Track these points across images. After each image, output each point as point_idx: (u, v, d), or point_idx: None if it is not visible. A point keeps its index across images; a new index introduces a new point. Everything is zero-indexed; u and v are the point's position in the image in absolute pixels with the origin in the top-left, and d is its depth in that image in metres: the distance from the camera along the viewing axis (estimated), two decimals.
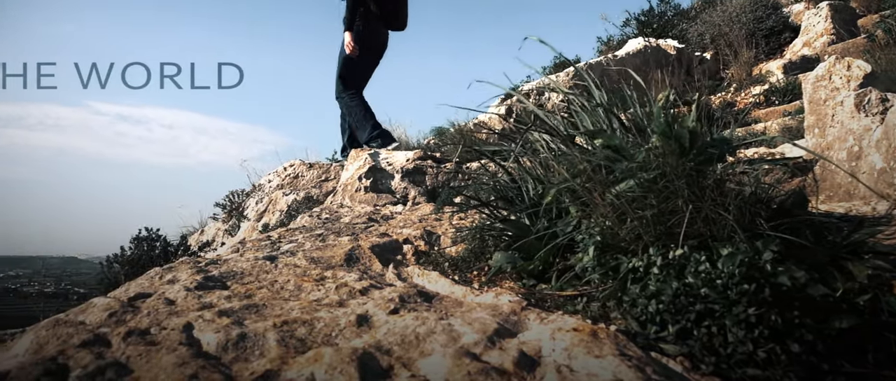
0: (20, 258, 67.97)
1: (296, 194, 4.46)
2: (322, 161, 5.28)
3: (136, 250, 2.73)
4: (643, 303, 1.04)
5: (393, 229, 2.21)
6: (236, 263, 1.69)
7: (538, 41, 1.54)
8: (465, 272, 1.64)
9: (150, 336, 1.13)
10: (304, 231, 2.23)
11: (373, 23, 4.88)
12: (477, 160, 3.40)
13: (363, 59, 4.91)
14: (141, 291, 1.46)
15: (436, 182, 3.30)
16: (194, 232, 5.31)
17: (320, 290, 1.37)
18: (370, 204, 3.04)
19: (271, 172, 5.31)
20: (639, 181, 1.24)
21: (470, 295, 1.28)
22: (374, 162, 3.43)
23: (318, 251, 1.80)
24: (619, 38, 8.88)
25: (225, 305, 1.27)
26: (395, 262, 1.72)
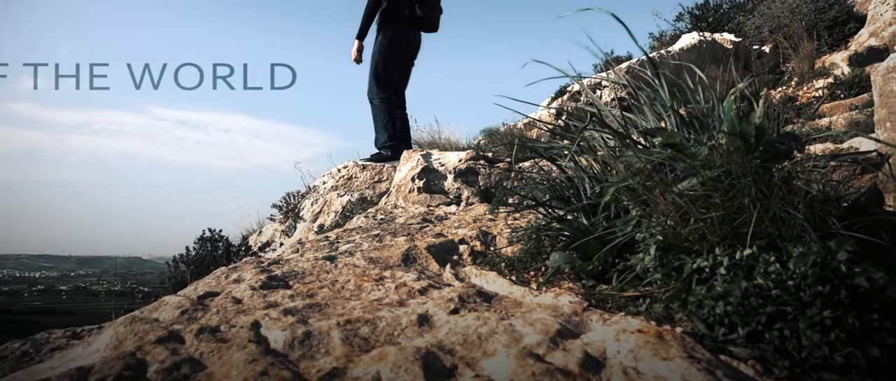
0: (90, 258, 71.58)
1: (350, 195, 4.55)
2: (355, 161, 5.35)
3: (201, 251, 2.84)
4: (710, 304, 1.01)
5: (448, 229, 2.22)
6: (297, 263, 1.73)
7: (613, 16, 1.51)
8: (522, 273, 1.63)
9: (220, 334, 1.18)
10: (361, 232, 2.27)
11: (403, 26, 4.94)
12: (529, 160, 3.38)
13: (397, 61, 4.99)
14: (209, 290, 1.52)
15: (488, 182, 3.30)
16: (253, 233, 5.48)
17: (380, 290, 1.39)
18: (423, 205, 3.07)
19: (325, 174, 5.42)
20: (702, 180, 1.21)
21: (529, 295, 1.28)
22: (427, 163, 3.46)
23: (376, 251, 1.82)
24: (672, 33, 8.66)
25: (289, 304, 1.31)
26: (451, 262, 1.73)
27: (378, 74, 4.94)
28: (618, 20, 1.55)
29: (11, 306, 45.61)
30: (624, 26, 1.57)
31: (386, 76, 4.95)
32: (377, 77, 4.95)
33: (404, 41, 4.97)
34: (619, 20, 1.55)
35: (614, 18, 1.51)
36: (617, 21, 1.50)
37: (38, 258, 72.09)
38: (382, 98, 4.97)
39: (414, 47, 5.09)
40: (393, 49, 4.91)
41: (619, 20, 1.55)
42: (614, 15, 1.54)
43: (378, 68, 4.94)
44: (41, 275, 64.83)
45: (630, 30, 1.60)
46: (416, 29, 5.03)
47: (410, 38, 5.01)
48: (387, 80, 4.96)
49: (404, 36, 4.95)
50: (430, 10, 4.95)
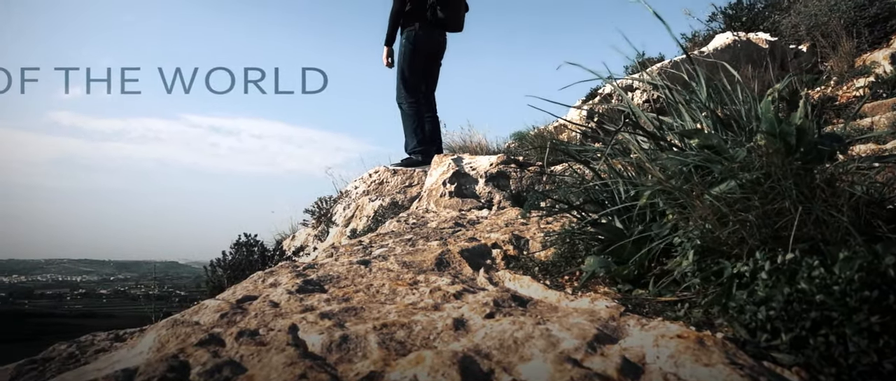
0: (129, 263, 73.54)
1: (381, 199, 4.58)
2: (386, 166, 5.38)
3: (237, 255, 2.90)
4: (752, 310, 0.99)
5: (480, 233, 2.22)
6: (332, 267, 1.76)
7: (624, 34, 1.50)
8: (556, 277, 1.63)
9: (259, 337, 1.20)
10: (394, 236, 2.28)
11: (425, 28, 4.95)
12: (562, 163, 3.36)
13: (421, 64, 5.01)
14: (247, 293, 1.55)
15: (520, 186, 3.29)
16: (286, 237, 5.55)
17: (415, 294, 1.40)
18: (455, 209, 3.08)
19: (357, 179, 5.47)
20: (740, 182, 1.19)
21: (564, 300, 1.27)
22: (458, 167, 3.46)
23: (409, 256, 1.84)
24: (706, 33, 8.51)
25: (325, 308, 1.33)
26: (484, 266, 1.73)
27: (405, 78, 4.97)
28: (656, 15, 1.54)
29: (55, 310, 47.12)
30: (661, 21, 1.56)
31: (413, 80, 4.97)
32: (404, 81, 4.98)
33: (427, 43, 4.98)
34: (657, 15, 1.54)
35: (653, 14, 1.50)
36: (655, 16, 1.48)
37: (79, 263, 74.42)
38: (411, 102, 5.00)
39: (437, 48, 5.09)
40: (416, 52, 4.93)
41: (657, 15, 1.54)
42: (654, 12, 1.53)
43: (404, 72, 4.96)
44: (82, 279, 66.92)
45: (667, 24, 1.58)
46: (439, 30, 5.03)
47: (433, 40, 5.02)
48: (414, 83, 4.98)
49: (427, 38, 4.96)
50: (453, 10, 4.94)
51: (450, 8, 4.91)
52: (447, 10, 4.90)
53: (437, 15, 4.88)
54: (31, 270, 72.09)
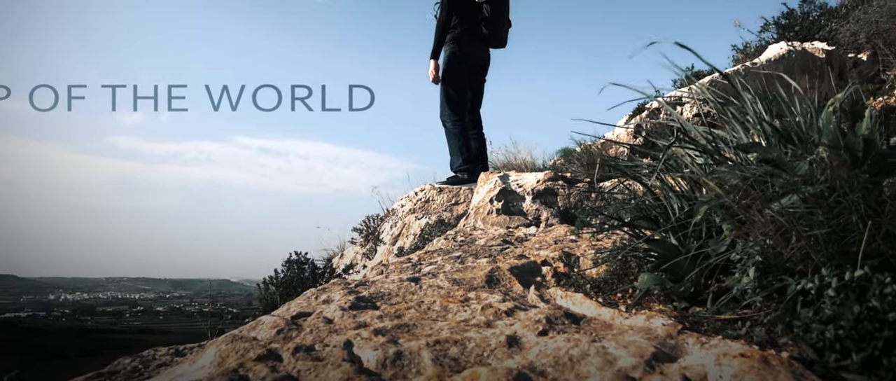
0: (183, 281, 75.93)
1: (427, 217, 4.61)
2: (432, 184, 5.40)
3: (288, 273, 2.96)
4: (819, 328, 0.96)
5: (529, 250, 2.21)
6: (383, 284, 1.78)
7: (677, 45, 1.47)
8: (609, 294, 1.60)
9: (315, 352, 1.22)
10: (443, 254, 2.29)
11: (468, 45, 4.96)
12: (610, 179, 3.32)
13: (465, 81, 5.01)
14: (301, 310, 1.58)
15: (568, 203, 3.26)
16: (335, 255, 5.64)
17: (466, 311, 1.41)
18: (503, 226, 3.07)
19: (403, 198, 5.52)
20: (803, 196, 1.15)
21: (619, 317, 1.25)
22: (505, 184, 3.46)
23: (459, 273, 1.84)
24: (758, 44, 8.27)
25: (378, 324, 1.35)
26: (535, 283, 1.72)
27: (448, 95, 4.99)
28: (685, 47, 1.50)
29: (115, 326, 48.96)
30: (692, 52, 1.52)
31: (456, 97, 4.99)
32: (448, 99, 4.99)
33: (471, 59, 4.99)
34: (687, 47, 1.51)
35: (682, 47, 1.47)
36: (682, 47, 1.46)
37: (137, 281, 77.29)
38: (455, 120, 5.01)
39: (480, 65, 5.10)
40: (459, 69, 4.95)
41: (686, 47, 1.51)
42: (680, 43, 1.50)
43: (448, 90, 4.98)
44: (140, 297, 69.35)
45: (698, 54, 1.55)
46: (483, 46, 5.05)
47: (477, 56, 5.02)
48: (458, 101, 5.00)
49: (469, 55, 4.97)
50: (496, 26, 4.95)
51: (493, 24, 4.92)
52: (491, 27, 4.91)
53: (480, 31, 4.90)
54: (92, 288, 75.21)
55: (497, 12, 4.88)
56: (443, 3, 4.83)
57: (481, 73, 5.14)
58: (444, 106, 5.03)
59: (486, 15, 4.84)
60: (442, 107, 5.05)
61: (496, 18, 4.89)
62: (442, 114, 5.07)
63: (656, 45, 1.51)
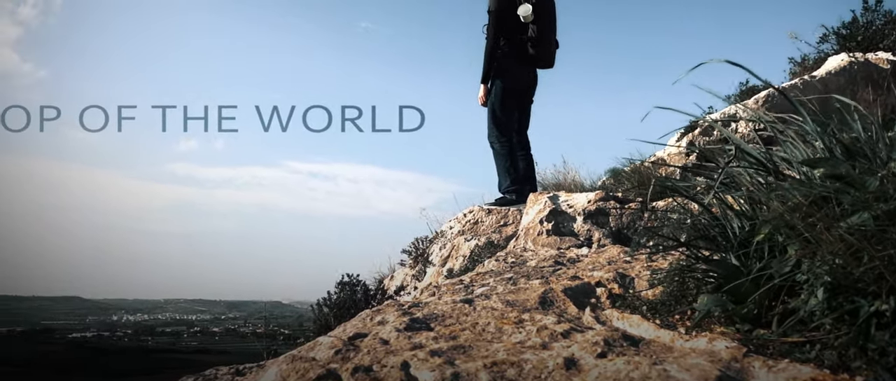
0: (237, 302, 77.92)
1: (477, 239, 4.60)
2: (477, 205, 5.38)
3: (341, 294, 3.01)
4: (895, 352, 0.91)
5: (582, 271, 2.18)
6: (436, 305, 1.79)
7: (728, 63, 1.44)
8: (666, 316, 1.56)
9: (373, 373, 1.24)
10: (494, 275, 2.29)
11: (516, 66, 4.94)
12: (663, 199, 3.25)
13: (512, 102, 5.00)
14: (357, 331, 1.61)
15: (620, 223, 3.21)
16: (385, 277, 5.69)
17: (521, 332, 1.40)
18: (553, 247, 3.04)
19: (452, 219, 5.54)
20: (875, 214, 1.10)
21: (679, 340, 1.22)
22: (555, 205, 3.43)
23: (512, 294, 1.84)
24: (816, 56, 7.98)
25: (434, 345, 1.35)
26: (590, 305, 1.70)
27: (496, 116, 4.99)
28: (736, 65, 1.47)
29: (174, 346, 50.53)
30: (744, 69, 1.49)
31: (504, 118, 4.99)
32: (495, 120, 5.00)
33: (518, 80, 4.98)
34: (739, 65, 1.47)
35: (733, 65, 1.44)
36: (733, 65, 1.43)
37: (194, 302, 79.77)
38: (503, 142, 5.01)
39: (528, 86, 5.09)
40: (507, 90, 4.95)
41: (738, 65, 1.47)
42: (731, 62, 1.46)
43: (495, 111, 4.99)
44: (197, 318, 71.42)
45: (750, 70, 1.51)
46: (530, 67, 5.03)
47: (524, 77, 5.01)
48: (505, 122, 4.99)
49: (517, 76, 4.97)
50: (544, 47, 4.93)
51: (541, 45, 4.90)
52: (538, 47, 4.89)
53: (527, 52, 4.90)
54: (152, 309, 77.98)
55: (544, 33, 4.87)
56: (490, 26, 4.86)
57: (529, 94, 5.13)
58: (491, 127, 5.05)
59: (533, 35, 4.83)
60: (490, 128, 5.07)
61: (543, 39, 4.87)
62: (490, 135, 5.08)
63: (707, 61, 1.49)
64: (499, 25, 4.81)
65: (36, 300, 76.47)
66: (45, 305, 76.19)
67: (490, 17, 4.86)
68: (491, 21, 4.85)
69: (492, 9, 4.85)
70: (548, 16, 4.92)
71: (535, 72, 5.11)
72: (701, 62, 1.40)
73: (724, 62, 1.43)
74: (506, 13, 4.81)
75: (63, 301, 78.50)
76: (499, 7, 4.82)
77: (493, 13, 4.83)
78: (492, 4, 4.87)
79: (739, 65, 1.41)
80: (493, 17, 4.83)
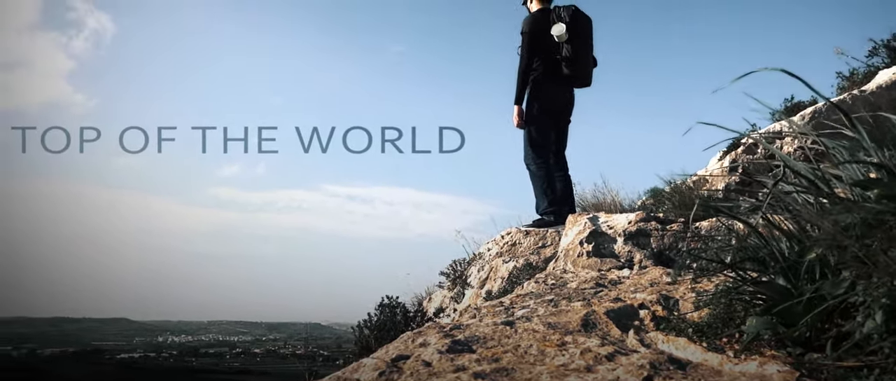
0: (278, 324, 78.93)
1: (515, 261, 4.58)
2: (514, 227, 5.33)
3: (382, 316, 3.03)
4: None
5: (624, 293, 2.15)
6: (477, 327, 1.78)
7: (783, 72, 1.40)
8: (713, 339, 1.53)
9: None
10: (535, 297, 2.28)
11: (551, 86, 4.89)
12: (706, 219, 3.18)
13: (548, 123, 4.95)
14: (399, 353, 1.62)
15: (662, 244, 3.15)
16: (424, 299, 5.70)
17: (564, 355, 1.39)
18: (594, 269, 3.00)
19: (489, 241, 5.52)
20: None
21: (728, 363, 1.20)
22: (594, 226, 3.40)
23: (553, 316, 1.82)
24: (865, 70, 7.73)
25: (476, 367, 1.36)
26: (633, 327, 1.67)
27: (532, 138, 4.95)
28: (791, 74, 1.44)
29: (217, 366, 51.38)
30: (799, 79, 1.46)
31: (540, 139, 4.94)
32: (531, 141, 4.96)
33: (554, 100, 4.93)
34: (793, 74, 1.45)
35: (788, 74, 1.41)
36: (789, 75, 1.40)
37: (236, 324, 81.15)
38: (539, 163, 4.96)
39: (564, 106, 5.02)
40: (542, 111, 4.91)
41: (792, 74, 1.44)
42: (786, 71, 1.44)
43: (531, 133, 4.95)
44: (238, 339, 72.54)
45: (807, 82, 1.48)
46: (565, 87, 4.98)
47: (560, 97, 4.95)
48: (542, 143, 4.95)
49: (553, 96, 4.91)
50: (581, 65, 4.84)
51: (577, 64, 4.82)
52: (574, 66, 4.81)
53: (562, 71, 4.83)
54: (195, 330, 79.57)
55: (579, 51, 4.79)
56: (523, 47, 4.84)
57: (565, 114, 5.07)
58: (527, 149, 5.02)
59: (568, 55, 4.77)
60: (526, 150, 5.04)
61: (578, 58, 4.79)
62: (526, 157, 5.05)
63: (749, 78, 1.46)
64: (532, 46, 4.78)
65: (86, 322, 78.98)
66: (94, 326, 78.60)
67: (523, 39, 4.83)
68: (524, 42, 4.82)
69: (525, 30, 4.82)
70: (583, 34, 4.85)
71: (572, 91, 5.05)
72: (750, 71, 1.37)
73: (771, 71, 1.40)
74: (539, 34, 4.78)
75: (111, 323, 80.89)
76: (532, 28, 4.79)
77: (526, 34, 4.81)
78: (525, 26, 4.85)
79: (793, 74, 1.37)
80: (527, 38, 4.80)
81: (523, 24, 4.87)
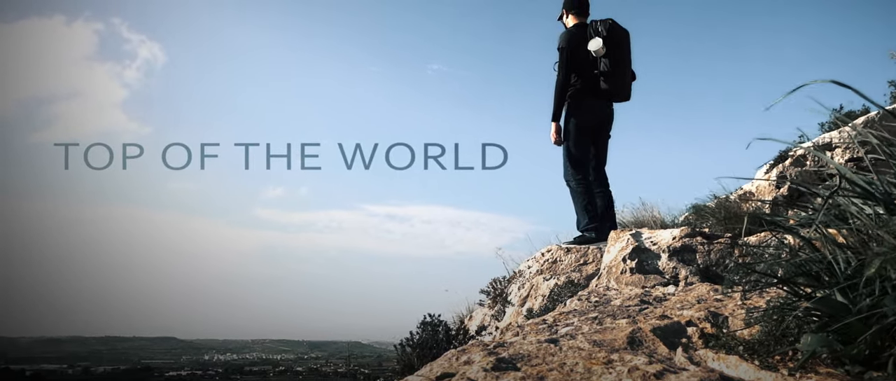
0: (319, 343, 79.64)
1: (556, 278, 4.53)
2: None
3: (424, 334, 3.03)
4: None
5: (670, 310, 2.11)
6: (521, 345, 1.77)
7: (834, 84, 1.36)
8: (766, 357, 1.48)
9: None
10: (578, 314, 2.25)
11: (589, 101, 4.82)
12: (754, 234, 3.10)
13: (586, 139, 4.88)
14: (444, 371, 1.62)
15: (708, 260, 3.08)
16: (463, 317, 5.68)
17: (611, 373, 1.37)
18: (638, 286, 2.95)
19: (530, 258, 5.48)
20: None
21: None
22: (637, 242, 3.34)
23: (598, 334, 1.80)
24: None
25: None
26: (682, 345, 1.63)
27: (571, 154, 4.90)
28: (842, 85, 1.40)
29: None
30: (852, 90, 1.42)
31: (579, 155, 4.89)
32: (570, 158, 4.91)
33: (592, 116, 4.87)
34: (844, 85, 1.40)
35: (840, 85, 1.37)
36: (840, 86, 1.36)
37: (279, 343, 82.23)
38: (579, 179, 4.91)
39: (602, 121, 4.95)
40: (580, 127, 4.86)
41: (843, 85, 1.40)
42: (838, 82, 1.39)
43: (570, 150, 4.90)
44: (281, 358, 73.45)
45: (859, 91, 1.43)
46: (603, 102, 4.90)
47: (597, 113, 4.89)
48: (581, 159, 4.90)
49: (591, 111, 4.85)
50: (619, 79, 4.76)
51: (615, 78, 4.74)
52: (612, 80, 4.73)
53: (600, 86, 4.77)
54: (240, 349, 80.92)
55: (617, 66, 4.74)
56: (560, 63, 4.81)
57: (604, 129, 5.01)
58: (566, 165, 4.97)
59: (606, 69, 4.71)
60: (565, 166, 4.99)
61: (617, 72, 4.73)
62: (565, 173, 5.01)
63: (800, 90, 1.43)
64: (569, 62, 4.75)
65: (136, 341, 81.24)
66: (143, 344, 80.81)
67: (560, 54, 4.80)
68: (561, 58, 4.79)
69: (562, 46, 4.79)
70: (621, 48, 4.78)
71: (611, 106, 4.99)
72: (800, 85, 1.34)
73: (823, 83, 1.37)
74: (576, 49, 4.76)
75: (159, 341, 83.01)
76: (569, 44, 4.76)
77: (563, 50, 4.77)
78: (561, 42, 4.83)
79: (845, 85, 1.34)
80: (564, 53, 4.76)
81: (560, 39, 4.85)
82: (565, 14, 5.05)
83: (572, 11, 4.97)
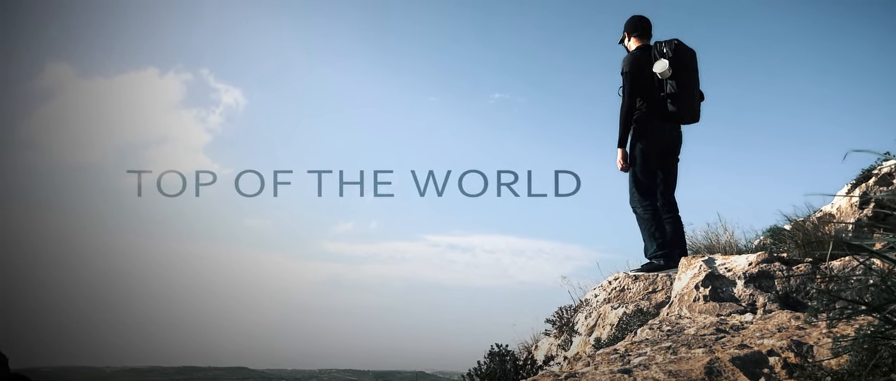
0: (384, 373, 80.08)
1: (624, 307, 4.42)
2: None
3: (491, 364, 3.02)
4: None
5: (749, 339, 2.02)
6: (593, 376, 1.75)
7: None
8: None
9: None
10: (650, 344, 2.19)
11: (656, 125, 4.68)
12: (838, 258, 2.94)
13: (654, 164, 4.74)
14: None
15: (787, 287, 2.93)
16: (529, 346, 5.60)
17: None
18: (712, 314, 2.84)
19: (596, 287, 5.37)
20: None
21: None
22: (710, 269, 3.23)
23: (673, 364, 1.75)
24: None
25: None
26: (763, 375, 1.57)
27: (637, 180, 4.78)
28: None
29: None
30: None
31: (646, 181, 4.77)
32: (637, 184, 4.79)
33: (658, 141, 4.73)
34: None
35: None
36: None
37: (345, 372, 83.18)
38: (646, 206, 4.78)
39: (671, 145, 4.80)
40: (646, 152, 4.73)
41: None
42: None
43: (636, 175, 4.78)
44: None
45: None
46: (671, 125, 4.75)
47: (665, 136, 4.73)
48: (648, 185, 4.77)
49: (658, 135, 4.70)
50: (686, 101, 4.60)
51: (683, 100, 4.57)
52: (679, 102, 4.58)
53: (667, 109, 4.64)
54: (308, 378, 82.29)
55: (684, 87, 4.60)
56: (624, 87, 4.72)
57: (672, 153, 4.87)
58: (633, 192, 4.86)
59: (673, 91, 4.58)
60: (631, 193, 4.88)
61: (684, 93, 4.59)
62: (632, 200, 4.89)
63: (881, 105, 1.37)
64: (634, 86, 4.65)
65: (210, 371, 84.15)
66: (218, 374, 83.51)
67: (624, 79, 4.72)
68: (625, 82, 4.70)
69: (625, 70, 4.70)
70: (688, 69, 4.66)
71: (679, 129, 4.85)
72: None
73: None
74: (640, 72, 4.67)
75: (233, 371, 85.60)
76: (632, 68, 4.67)
77: (627, 74, 4.68)
78: (625, 65, 4.74)
79: None
80: (628, 78, 4.67)
81: (623, 63, 4.78)
82: (627, 37, 4.99)
83: (634, 34, 4.90)
